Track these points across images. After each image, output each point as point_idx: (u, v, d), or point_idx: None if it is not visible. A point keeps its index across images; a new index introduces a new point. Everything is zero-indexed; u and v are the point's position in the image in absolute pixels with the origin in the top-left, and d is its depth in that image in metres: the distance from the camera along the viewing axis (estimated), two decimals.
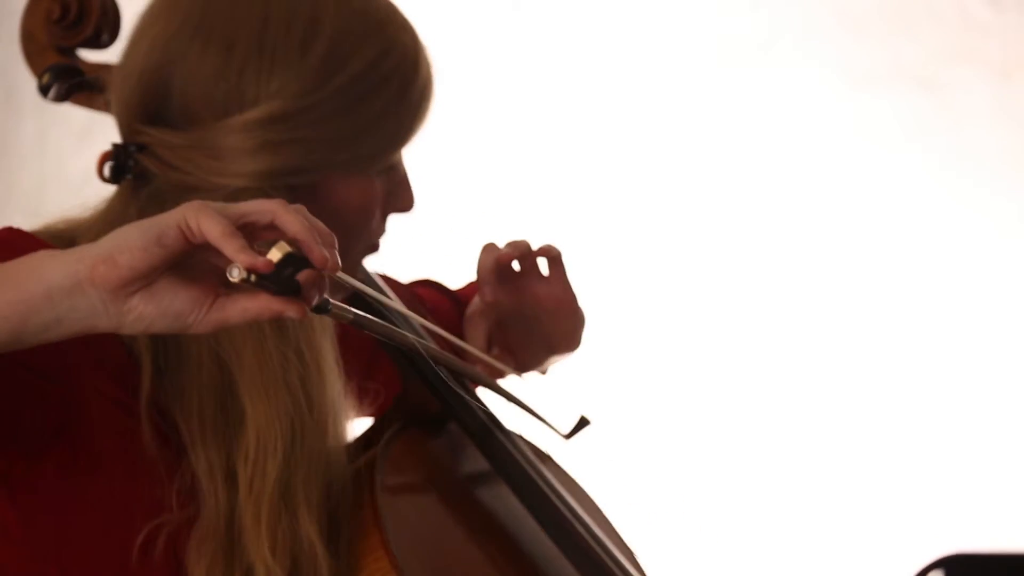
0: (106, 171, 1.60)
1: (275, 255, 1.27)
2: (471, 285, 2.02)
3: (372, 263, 1.76)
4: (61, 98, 1.84)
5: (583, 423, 1.84)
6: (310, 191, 1.59)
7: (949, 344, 3.46)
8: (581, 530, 1.68)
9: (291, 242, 1.28)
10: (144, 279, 1.28)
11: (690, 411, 3.58)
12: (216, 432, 1.52)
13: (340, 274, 1.30)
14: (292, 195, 1.56)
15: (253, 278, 1.25)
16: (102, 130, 3.69)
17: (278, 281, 1.27)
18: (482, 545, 1.66)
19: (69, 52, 1.86)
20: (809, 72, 3.57)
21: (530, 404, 1.80)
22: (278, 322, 1.53)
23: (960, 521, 3.40)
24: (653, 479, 3.54)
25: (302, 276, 1.28)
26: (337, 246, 1.29)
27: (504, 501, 1.70)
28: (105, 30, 1.82)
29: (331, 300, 1.30)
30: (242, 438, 1.51)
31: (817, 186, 3.56)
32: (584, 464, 1.89)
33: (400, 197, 1.68)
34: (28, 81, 1.83)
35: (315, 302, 1.29)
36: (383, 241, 1.71)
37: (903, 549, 3.36)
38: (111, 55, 1.90)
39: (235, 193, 1.55)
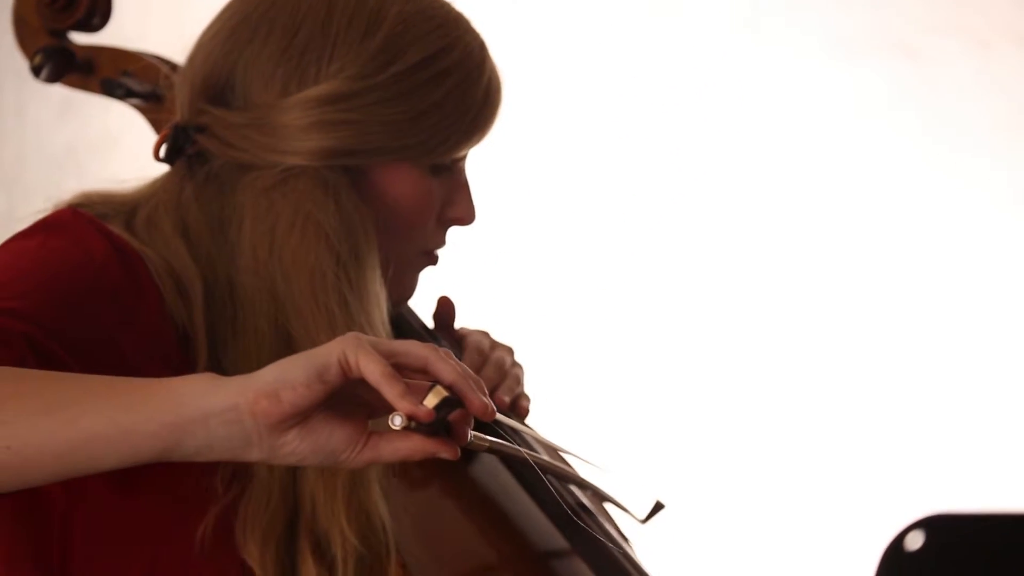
0: (162, 152, 1.61)
1: (432, 400, 1.28)
2: None
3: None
4: (53, 79, 1.86)
5: (658, 507, 1.82)
6: (364, 177, 1.61)
7: (929, 310, 3.48)
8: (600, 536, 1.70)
9: (445, 385, 1.28)
10: (302, 415, 1.28)
11: (665, 375, 3.60)
12: None
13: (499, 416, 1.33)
14: (345, 178, 1.59)
15: (413, 424, 1.27)
16: (81, 105, 3.71)
17: (433, 424, 1.28)
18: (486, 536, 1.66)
19: (60, 35, 1.89)
20: (792, 41, 3.57)
21: (606, 491, 1.79)
22: (344, 301, 1.55)
23: (941, 482, 3.42)
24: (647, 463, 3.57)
25: (453, 416, 1.29)
26: (482, 386, 1.30)
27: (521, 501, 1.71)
28: (96, 13, 1.84)
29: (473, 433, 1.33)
30: None
31: (800, 155, 3.57)
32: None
33: (457, 204, 1.68)
34: (6, 55, 1.84)
35: (466, 439, 1.31)
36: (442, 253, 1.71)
37: (885, 510, 3.38)
38: (102, 38, 1.92)
39: (288, 171, 1.57)
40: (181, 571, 1.50)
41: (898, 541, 1.12)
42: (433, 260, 1.71)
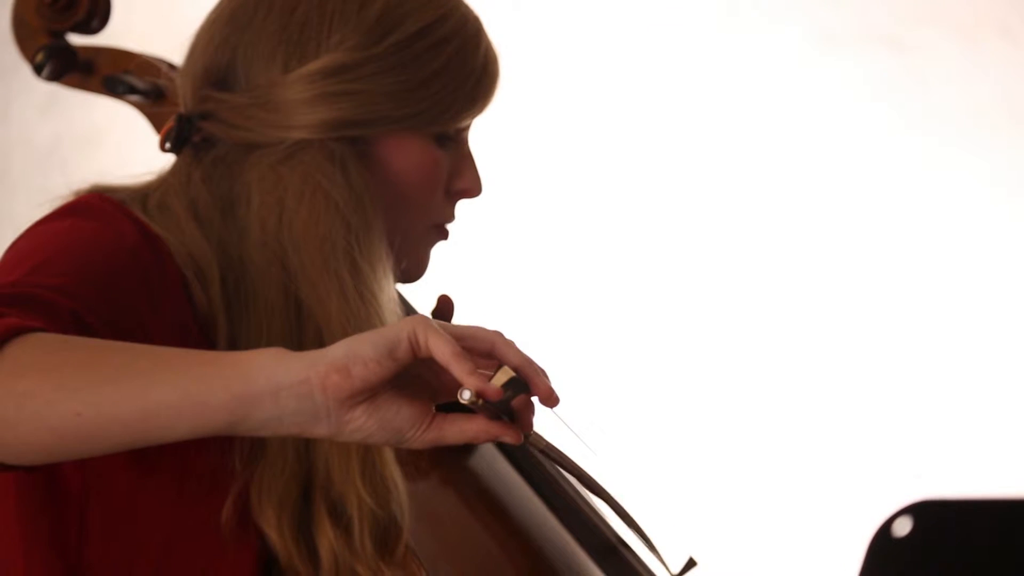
0: (168, 142, 1.62)
1: (500, 379, 1.29)
2: None
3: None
4: (55, 77, 1.88)
5: (691, 564, 1.81)
6: (370, 149, 1.62)
7: (914, 298, 3.49)
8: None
9: (512, 368, 1.30)
10: (371, 391, 1.29)
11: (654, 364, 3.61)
12: None
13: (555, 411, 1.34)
14: (352, 149, 1.60)
15: (480, 402, 1.28)
16: (65, 101, 3.71)
17: (499, 405, 1.29)
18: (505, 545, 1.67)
19: (59, 36, 1.90)
20: (776, 33, 3.58)
21: (648, 534, 1.79)
22: (355, 269, 1.55)
23: (928, 468, 3.44)
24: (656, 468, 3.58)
25: (516, 402, 1.31)
26: (546, 372, 1.32)
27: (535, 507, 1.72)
28: (96, 15, 1.86)
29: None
30: None
31: (784, 146, 3.57)
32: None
33: (464, 175, 1.69)
34: None
35: (530, 427, 1.32)
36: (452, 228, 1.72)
37: (873, 496, 3.39)
38: (99, 40, 1.94)
39: (295, 145, 1.58)
40: (198, 549, 1.51)
41: (886, 527, 1.12)
42: (444, 235, 1.72)
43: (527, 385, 1.31)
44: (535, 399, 1.38)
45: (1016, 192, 3.48)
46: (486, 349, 1.33)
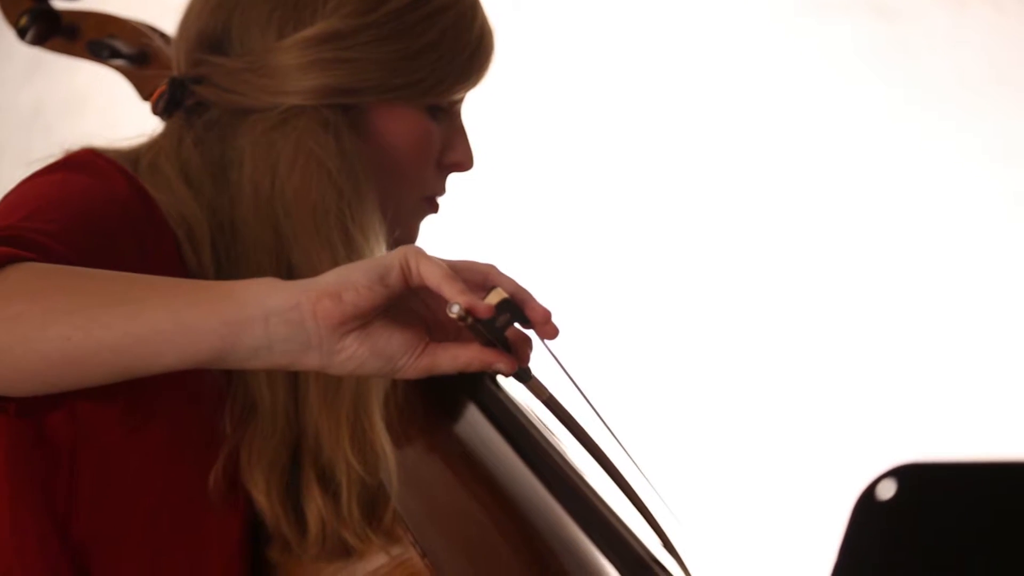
0: (160, 105, 1.63)
1: (493, 299, 1.29)
2: None
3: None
4: (39, 41, 1.87)
5: None
6: (363, 117, 1.63)
7: (899, 266, 3.50)
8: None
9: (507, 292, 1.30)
10: (363, 318, 1.29)
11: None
12: None
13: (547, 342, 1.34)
14: (345, 117, 1.60)
15: (470, 320, 1.27)
16: (49, 66, 3.71)
17: (491, 328, 1.29)
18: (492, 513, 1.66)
19: (42, 0, 1.90)
20: (766, 1, 3.59)
21: (641, 497, 1.76)
22: (347, 235, 1.56)
23: (912, 431, 3.45)
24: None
25: (511, 333, 1.30)
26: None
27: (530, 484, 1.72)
28: None
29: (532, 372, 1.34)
30: None
31: (773, 115, 3.58)
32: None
33: (456, 148, 1.70)
34: None
35: (527, 362, 1.32)
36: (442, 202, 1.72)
37: (857, 459, 3.41)
38: (83, 5, 1.93)
39: (288, 111, 1.59)
40: (187, 511, 1.51)
41: (870, 490, 1.11)
42: (434, 208, 1.72)
43: (522, 312, 1.31)
44: (533, 335, 1.38)
45: (1003, 158, 3.49)
46: (480, 280, 1.35)
